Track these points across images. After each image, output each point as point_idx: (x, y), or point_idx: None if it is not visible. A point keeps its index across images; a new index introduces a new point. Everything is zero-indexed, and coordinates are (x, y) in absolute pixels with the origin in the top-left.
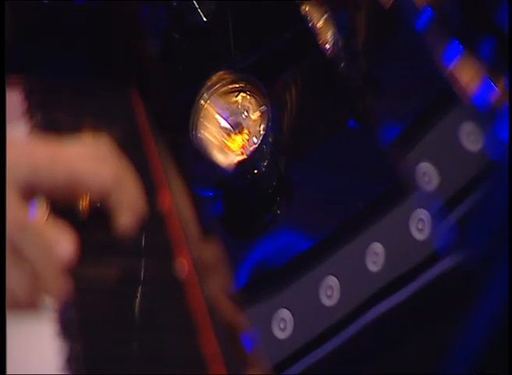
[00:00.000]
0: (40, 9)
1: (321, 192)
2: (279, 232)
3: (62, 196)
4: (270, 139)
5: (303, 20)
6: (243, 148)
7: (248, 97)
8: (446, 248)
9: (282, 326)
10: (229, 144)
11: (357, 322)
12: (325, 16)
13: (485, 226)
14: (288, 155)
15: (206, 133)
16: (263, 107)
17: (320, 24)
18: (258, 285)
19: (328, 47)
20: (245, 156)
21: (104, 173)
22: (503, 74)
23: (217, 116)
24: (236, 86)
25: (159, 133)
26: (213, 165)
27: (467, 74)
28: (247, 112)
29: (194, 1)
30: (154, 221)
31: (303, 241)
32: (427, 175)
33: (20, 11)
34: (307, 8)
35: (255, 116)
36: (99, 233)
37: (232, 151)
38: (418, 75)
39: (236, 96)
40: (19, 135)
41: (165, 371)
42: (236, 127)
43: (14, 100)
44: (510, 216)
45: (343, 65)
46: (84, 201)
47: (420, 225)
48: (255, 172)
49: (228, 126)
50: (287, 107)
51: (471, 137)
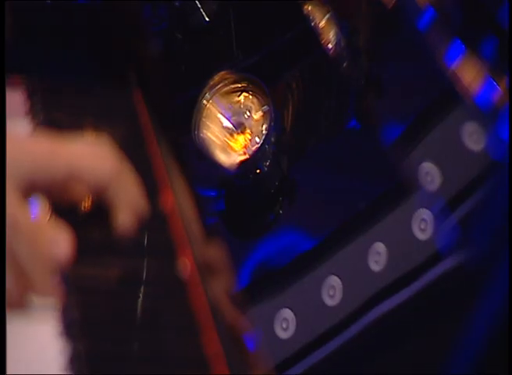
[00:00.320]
0: (43, 9)
1: (324, 192)
2: (282, 232)
3: (60, 192)
4: (272, 139)
5: (305, 20)
6: (245, 147)
7: (250, 97)
8: (449, 247)
9: (284, 326)
10: (231, 144)
11: (359, 322)
12: (327, 16)
13: (488, 225)
14: (290, 155)
15: (208, 133)
16: (265, 107)
17: (322, 24)
18: (260, 285)
19: (330, 46)
20: (247, 156)
21: (102, 170)
22: (505, 74)
23: (219, 116)
24: (239, 86)
25: (161, 132)
26: (215, 165)
27: (470, 74)
28: (250, 112)
29: (196, 1)
30: (156, 221)
31: (305, 240)
32: (429, 175)
33: (22, 11)
34: (310, 8)
35: (257, 115)
36: (101, 232)
37: (235, 151)
38: (420, 74)
39: (239, 96)
40: (20, 134)
41: (168, 371)
42: (239, 127)
43: (16, 100)
44: (511, 215)
45: (345, 64)
46: (85, 201)
47: (422, 225)
48: (257, 172)
49: (230, 125)
50: (289, 107)
51: (474, 137)
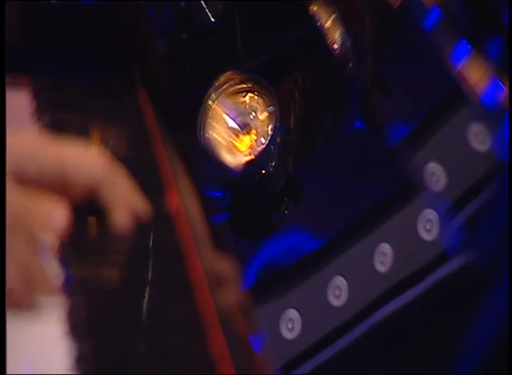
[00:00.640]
0: (48, 9)
1: (329, 192)
2: (287, 232)
3: (51, 190)
4: (278, 139)
5: (311, 20)
6: (250, 148)
7: (256, 97)
8: (455, 248)
9: (290, 326)
10: (236, 144)
11: (364, 322)
12: (332, 17)
13: (493, 226)
14: (296, 156)
15: (214, 134)
16: (271, 107)
17: (328, 24)
18: (266, 285)
19: (335, 47)
20: (253, 156)
21: (92, 168)
22: (510, 74)
23: (225, 117)
24: (244, 86)
25: (167, 133)
26: (221, 165)
27: (476, 74)
28: (255, 113)
29: (202, 1)
30: (162, 221)
31: (311, 241)
32: (435, 175)
33: (28, 11)
34: (315, 9)
35: (263, 116)
36: (108, 233)
37: (240, 152)
38: (426, 75)
39: (244, 96)
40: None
41: (174, 371)
42: (244, 128)
43: (22, 100)
44: (511, 215)
45: (350, 65)
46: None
47: (428, 225)
48: (263, 172)
49: (236, 126)
50: (295, 107)
51: (479, 138)
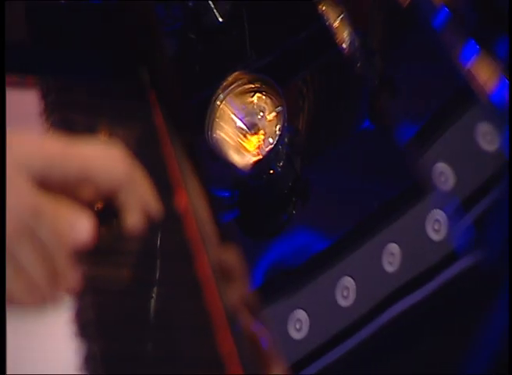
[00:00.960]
0: (56, 9)
1: (337, 192)
2: (295, 232)
3: (73, 193)
4: (286, 139)
5: (319, 20)
6: (258, 148)
7: (264, 97)
8: (463, 248)
9: (297, 326)
10: (244, 144)
11: (372, 323)
12: (341, 16)
13: (502, 226)
14: (304, 156)
15: (222, 134)
16: (279, 107)
17: (336, 24)
18: (274, 286)
19: (344, 47)
20: (261, 157)
21: (114, 172)
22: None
23: (233, 117)
24: (252, 86)
25: (175, 133)
26: (229, 165)
27: (484, 74)
28: (263, 113)
29: (210, 2)
30: (171, 221)
31: (319, 241)
32: (443, 175)
33: (36, 11)
34: (324, 8)
35: (271, 116)
36: (117, 233)
37: (248, 152)
38: (435, 75)
39: (252, 96)
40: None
41: (182, 371)
42: (252, 128)
43: (30, 101)
44: (511, 214)
45: (358, 65)
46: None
47: (436, 225)
48: (271, 172)
49: (244, 126)
50: (303, 107)
51: (488, 137)
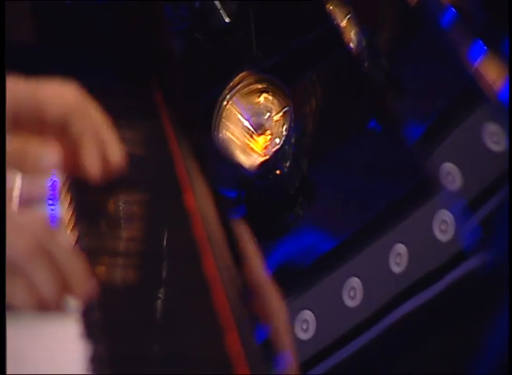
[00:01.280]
0: (63, 9)
1: (344, 193)
2: (302, 233)
3: (27, 121)
4: (292, 140)
5: (326, 20)
6: (265, 148)
7: (271, 97)
8: (470, 249)
9: (304, 327)
10: (251, 144)
11: (379, 323)
12: (348, 16)
13: (509, 226)
14: (310, 156)
15: (228, 134)
16: (285, 108)
17: (343, 24)
18: (281, 286)
19: (351, 47)
20: (267, 157)
21: (66, 97)
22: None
23: (239, 117)
24: (259, 86)
25: (182, 133)
26: (235, 165)
27: (491, 74)
28: (270, 113)
29: (217, 2)
30: (177, 220)
31: (325, 241)
32: (450, 175)
33: (43, 11)
34: (331, 8)
35: (278, 116)
36: (122, 234)
37: (255, 152)
38: (442, 74)
39: (259, 97)
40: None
41: (189, 372)
42: (259, 128)
43: None
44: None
45: (366, 65)
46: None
47: (443, 226)
48: (277, 173)
49: (250, 126)
50: (310, 107)
51: (495, 138)
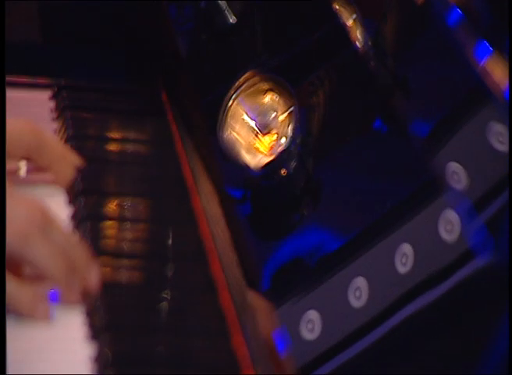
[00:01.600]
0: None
1: (350, 193)
2: (307, 233)
3: None
4: (298, 140)
5: (332, 19)
6: (270, 148)
7: (276, 97)
8: (476, 249)
9: (310, 327)
10: (256, 144)
11: (385, 323)
12: (354, 16)
13: (509, 226)
14: (316, 156)
15: (233, 134)
16: (291, 108)
17: (349, 23)
18: (286, 286)
19: (357, 46)
20: (273, 157)
21: (23, 137)
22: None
23: (245, 117)
24: (264, 86)
25: (187, 133)
26: (241, 165)
27: (497, 74)
28: (275, 113)
29: (222, 2)
30: (183, 221)
31: (331, 242)
32: (456, 175)
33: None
34: (337, 7)
35: (283, 116)
36: (128, 236)
37: (260, 152)
38: (448, 74)
39: (264, 96)
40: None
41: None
42: (264, 128)
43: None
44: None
45: (372, 64)
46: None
47: (449, 226)
48: (283, 173)
49: (256, 126)
50: (315, 107)
51: (500, 138)
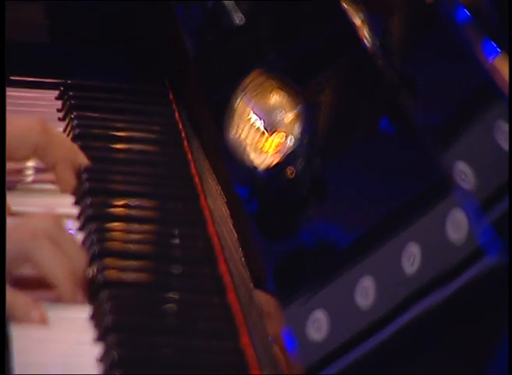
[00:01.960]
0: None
1: (356, 192)
2: (314, 233)
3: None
4: (305, 139)
5: (339, 18)
6: (277, 148)
7: (283, 97)
8: (484, 248)
9: (317, 327)
10: (263, 144)
11: (393, 323)
12: (361, 15)
13: (509, 226)
14: (323, 156)
15: (240, 134)
16: (298, 107)
17: (357, 22)
18: (293, 286)
19: (365, 45)
20: (280, 157)
21: (31, 135)
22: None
23: (252, 116)
24: (272, 86)
25: (194, 133)
26: (248, 165)
27: (504, 74)
28: (282, 113)
29: (229, 2)
30: (190, 221)
31: (338, 241)
32: (463, 175)
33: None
34: (345, 6)
35: (290, 116)
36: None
37: (267, 152)
38: (455, 73)
39: (272, 96)
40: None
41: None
42: (271, 128)
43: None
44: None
45: (379, 63)
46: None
47: (456, 225)
48: (290, 172)
49: (263, 126)
50: (322, 107)
51: (508, 137)
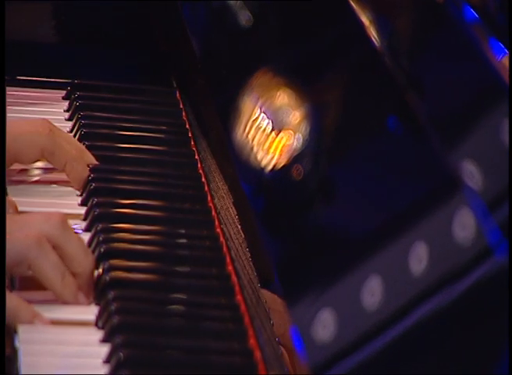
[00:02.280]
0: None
1: (364, 192)
2: (321, 232)
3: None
4: (312, 138)
5: (348, 18)
6: (284, 148)
7: (290, 96)
8: (491, 248)
9: (323, 326)
10: (270, 144)
11: (400, 322)
12: (369, 15)
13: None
14: (330, 155)
15: (248, 133)
16: (305, 106)
17: (365, 22)
18: (300, 286)
19: (373, 45)
20: (287, 156)
21: (38, 138)
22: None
23: (259, 116)
24: (279, 85)
25: (201, 132)
26: (254, 165)
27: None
28: (290, 112)
29: (235, 1)
30: (198, 221)
31: (344, 241)
32: (471, 174)
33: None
34: (353, 6)
35: (298, 115)
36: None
37: (274, 152)
38: (463, 73)
39: (279, 95)
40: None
41: None
42: (278, 127)
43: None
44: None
45: (387, 63)
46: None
47: (464, 225)
48: (297, 172)
49: (270, 125)
50: (330, 106)
51: None
